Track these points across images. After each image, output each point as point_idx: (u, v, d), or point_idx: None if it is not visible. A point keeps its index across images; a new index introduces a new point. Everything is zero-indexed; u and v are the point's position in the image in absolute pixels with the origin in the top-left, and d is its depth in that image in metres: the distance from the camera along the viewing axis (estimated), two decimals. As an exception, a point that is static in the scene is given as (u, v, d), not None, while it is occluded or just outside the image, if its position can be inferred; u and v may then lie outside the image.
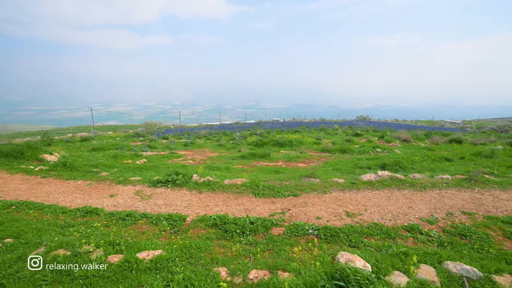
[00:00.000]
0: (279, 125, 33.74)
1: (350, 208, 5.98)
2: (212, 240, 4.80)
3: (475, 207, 5.91)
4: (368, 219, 5.43)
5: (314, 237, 4.85)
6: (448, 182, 7.34)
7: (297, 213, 5.79)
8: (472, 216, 5.47)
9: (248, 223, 5.24)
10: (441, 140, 18.18)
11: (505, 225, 5.09)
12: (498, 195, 6.59)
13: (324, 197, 6.68)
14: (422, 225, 5.16)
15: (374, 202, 6.24)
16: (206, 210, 6.10)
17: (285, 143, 17.31)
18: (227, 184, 7.58)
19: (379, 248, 4.30)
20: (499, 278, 3.39)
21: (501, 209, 5.80)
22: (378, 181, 7.35)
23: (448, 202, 6.18)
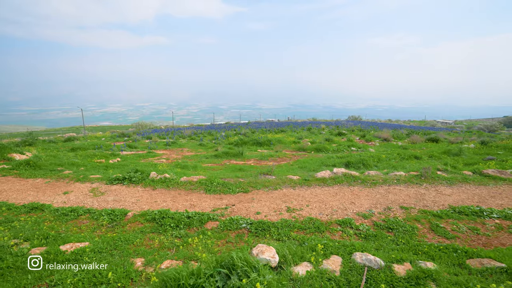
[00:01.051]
0: (268, 125, 33.86)
1: (293, 203, 6.08)
2: (145, 233, 4.87)
3: (415, 202, 6.04)
4: (306, 214, 5.53)
5: (246, 231, 4.94)
6: (400, 178, 7.47)
7: (240, 209, 5.88)
8: (408, 211, 5.60)
9: (185, 217, 5.34)
10: (419, 139, 18.38)
11: (435, 218, 5.22)
12: (442, 190, 6.74)
13: (273, 193, 6.77)
14: (356, 219, 5.27)
15: (319, 198, 6.35)
16: (152, 206, 6.16)
17: (264, 142, 17.42)
18: (183, 181, 7.65)
19: (302, 241, 4.39)
20: (398, 266, 3.50)
21: (439, 203, 5.94)
22: (331, 178, 7.46)
23: (391, 198, 6.30)
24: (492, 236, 4.61)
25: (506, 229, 4.81)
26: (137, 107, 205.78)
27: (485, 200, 6.17)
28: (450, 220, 5.15)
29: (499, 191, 6.73)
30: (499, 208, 5.70)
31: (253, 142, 17.75)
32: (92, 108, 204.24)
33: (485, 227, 4.92)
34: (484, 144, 14.79)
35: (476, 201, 6.11)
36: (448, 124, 61.20)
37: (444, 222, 5.07)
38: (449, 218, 5.21)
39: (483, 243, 4.41)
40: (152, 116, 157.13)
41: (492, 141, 15.09)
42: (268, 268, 3.31)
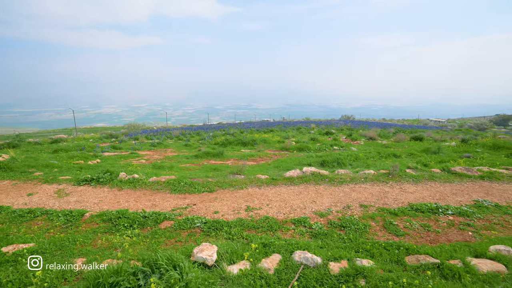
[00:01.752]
0: (258, 125, 33.86)
1: (255, 203, 6.06)
2: (97, 233, 4.83)
3: (377, 200, 6.06)
4: (264, 213, 5.52)
5: (199, 230, 4.92)
6: (368, 177, 7.49)
7: (200, 208, 5.85)
8: (366, 209, 5.61)
9: (141, 217, 5.30)
10: (403, 138, 18.49)
11: (391, 216, 5.23)
12: (407, 188, 6.77)
13: (238, 192, 6.75)
14: (312, 218, 5.27)
15: (282, 197, 6.34)
16: (114, 206, 6.10)
17: (249, 142, 17.40)
18: (151, 182, 7.59)
19: (251, 240, 4.37)
20: (334, 264, 3.49)
21: (399, 201, 5.96)
22: (299, 177, 7.46)
23: (354, 196, 6.31)
24: (441, 233, 4.63)
25: (457, 226, 4.84)
26: (133, 108, 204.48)
27: (446, 197, 6.21)
28: (405, 217, 5.17)
29: (462, 188, 6.78)
30: (457, 204, 5.74)
31: (238, 142, 17.74)
32: (86, 109, 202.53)
33: (438, 224, 4.94)
34: (465, 142, 14.91)
35: (437, 198, 6.15)
36: (441, 122, 61.76)
37: (398, 220, 5.09)
38: (404, 216, 5.23)
39: (431, 240, 4.43)
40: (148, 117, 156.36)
41: (472, 139, 15.22)
42: (197, 266, 3.30)
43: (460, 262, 3.47)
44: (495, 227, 4.78)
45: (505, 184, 7.04)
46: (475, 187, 6.83)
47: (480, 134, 22.25)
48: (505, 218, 5.13)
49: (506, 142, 13.67)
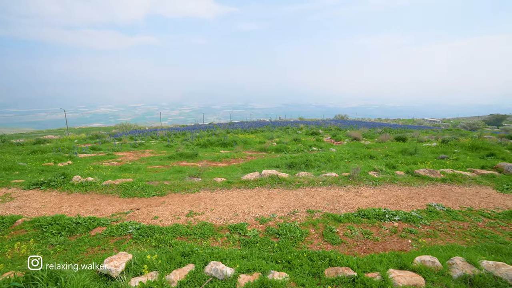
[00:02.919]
0: (247, 125, 33.59)
1: (200, 207, 5.82)
2: (22, 240, 4.58)
3: (327, 204, 5.83)
4: (204, 218, 5.28)
5: (129, 236, 4.67)
6: (328, 180, 7.26)
7: (142, 213, 5.60)
8: (312, 214, 5.37)
9: (74, 223, 5.05)
10: (387, 138, 18.30)
11: (334, 222, 5.00)
12: (363, 192, 6.54)
13: (188, 196, 6.50)
14: (252, 224, 5.03)
15: (230, 202, 6.10)
16: (54, 211, 5.83)
17: (229, 143, 17.15)
18: (104, 185, 7.33)
19: (176, 248, 4.12)
20: (244, 277, 3.26)
21: (350, 206, 5.73)
22: (255, 180, 7.22)
23: (306, 200, 6.07)
24: (380, 241, 4.40)
25: (399, 233, 4.61)
26: (129, 108, 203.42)
27: (400, 201, 5.99)
28: (348, 224, 4.94)
29: (420, 191, 6.57)
30: (408, 209, 5.52)
31: (219, 143, 17.48)
32: (82, 109, 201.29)
33: (380, 231, 4.72)
34: (445, 142, 14.74)
35: (391, 202, 5.93)
36: (436, 122, 61.81)
37: (340, 227, 4.86)
38: (348, 222, 5.00)
39: (366, 249, 4.20)
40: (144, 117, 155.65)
41: (453, 139, 15.04)
42: (100, 278, 3.10)
43: (379, 275, 3.24)
44: (437, 234, 4.56)
45: (465, 187, 6.83)
46: (434, 191, 6.61)
47: (467, 134, 22.08)
48: (451, 224, 4.92)
49: (484, 142, 13.49)
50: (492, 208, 5.66)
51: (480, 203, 5.91)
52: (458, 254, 3.67)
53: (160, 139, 22.77)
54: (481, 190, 6.70)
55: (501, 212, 5.39)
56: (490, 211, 5.46)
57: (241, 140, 17.51)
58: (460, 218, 5.12)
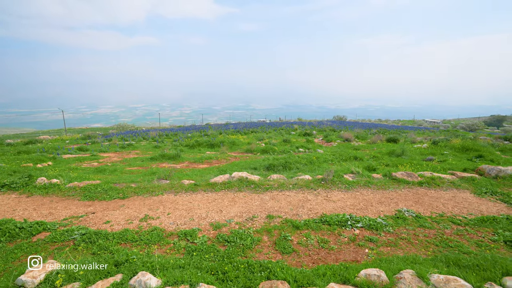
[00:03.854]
0: (242, 125, 33.32)
1: (157, 211, 5.54)
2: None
3: (290, 209, 5.52)
4: (157, 223, 5.00)
5: (72, 243, 4.40)
6: (299, 183, 6.96)
7: (96, 217, 5.33)
8: (272, 220, 5.07)
9: (17, 228, 4.78)
10: (378, 139, 17.95)
11: (291, 229, 4.70)
12: (333, 196, 6.23)
13: (150, 199, 6.23)
14: (204, 230, 4.74)
15: (189, 206, 5.81)
16: (6, 215, 5.57)
17: (217, 144, 16.89)
18: (68, 187, 7.07)
19: (116, 255, 3.84)
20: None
21: (314, 211, 5.43)
22: (223, 183, 6.92)
23: (270, 205, 5.78)
24: (335, 250, 4.10)
25: (358, 241, 4.30)
26: (130, 109, 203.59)
27: (369, 206, 5.68)
28: (306, 231, 4.64)
29: (393, 195, 6.25)
30: (375, 215, 5.21)
31: (207, 144, 17.23)
32: (83, 109, 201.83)
33: (338, 239, 4.41)
34: (435, 144, 14.38)
35: (359, 207, 5.61)
36: (436, 123, 61.26)
37: (297, 234, 4.55)
38: (307, 229, 4.70)
39: (317, 259, 3.89)
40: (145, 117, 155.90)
41: (444, 141, 14.67)
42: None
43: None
44: (399, 243, 4.25)
45: (442, 191, 6.50)
46: (408, 195, 6.29)
47: (464, 135, 21.64)
48: (417, 231, 4.60)
49: (475, 144, 13.12)
50: (465, 213, 5.34)
51: (454, 208, 5.58)
52: (411, 266, 3.36)
53: (151, 140, 22.55)
54: (458, 194, 6.37)
55: (473, 218, 5.06)
56: (462, 217, 5.14)
57: (230, 141, 17.22)
58: (428, 225, 4.80)
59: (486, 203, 5.85)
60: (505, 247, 4.15)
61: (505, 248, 4.13)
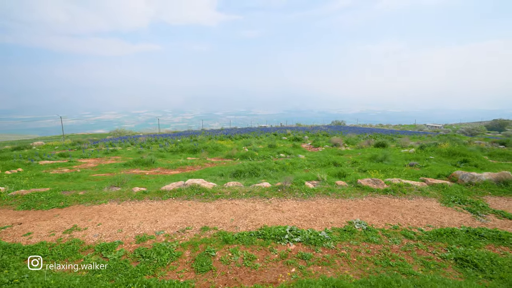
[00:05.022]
0: (235, 131, 33.04)
1: (89, 221, 5.11)
2: None
3: (231, 221, 5.06)
4: (80, 235, 4.57)
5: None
6: (254, 190, 6.48)
7: (19, 228, 4.92)
8: (205, 232, 4.61)
9: None
10: (366, 144, 17.41)
11: (219, 243, 4.22)
12: (285, 205, 5.75)
13: (90, 208, 5.80)
14: (126, 243, 4.30)
15: (127, 215, 5.38)
16: None
17: (198, 149, 16.50)
18: (10, 195, 6.68)
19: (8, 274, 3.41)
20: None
21: (256, 222, 4.95)
22: (172, 191, 6.49)
23: (212, 215, 5.32)
24: (258, 269, 3.61)
25: (288, 259, 3.81)
26: (133, 115, 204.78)
27: (320, 217, 5.18)
28: (235, 246, 4.16)
29: (352, 205, 5.73)
30: (321, 228, 4.71)
31: (190, 149, 16.86)
32: (87, 116, 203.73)
33: (267, 255, 3.92)
34: (422, 148, 13.80)
35: (308, 218, 5.12)
36: (437, 128, 60.34)
37: (223, 249, 4.07)
38: (237, 243, 4.22)
39: (232, 280, 3.41)
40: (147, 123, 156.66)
41: (431, 145, 14.08)
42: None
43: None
44: (333, 261, 3.74)
45: (407, 200, 5.97)
46: (368, 204, 5.77)
47: (455, 140, 20.96)
48: (360, 247, 4.09)
49: (462, 148, 12.52)
50: (423, 225, 4.81)
51: (413, 219, 5.05)
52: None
53: (138, 146, 22.27)
54: (423, 203, 5.84)
55: (430, 231, 4.54)
56: (418, 230, 4.61)
57: (213, 147, 16.83)
58: (376, 239, 4.29)
59: (451, 213, 5.31)
60: (454, 266, 3.63)
61: (454, 266, 3.61)
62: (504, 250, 4.03)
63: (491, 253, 3.87)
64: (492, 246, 4.14)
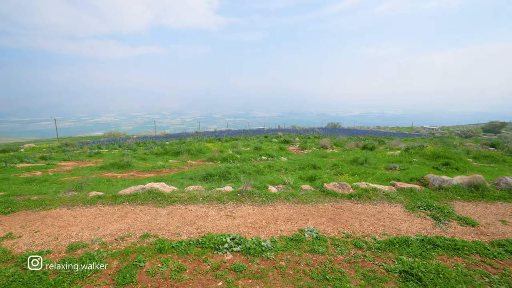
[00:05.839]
0: (226, 133, 32.72)
1: (29, 228, 4.82)
2: None
3: (176, 227, 4.78)
4: (9, 244, 4.29)
5: None
6: (212, 195, 6.20)
7: None
8: (143, 240, 4.33)
9: None
10: (353, 147, 17.14)
11: (153, 252, 3.94)
12: (239, 211, 5.46)
13: (36, 214, 5.52)
14: (55, 252, 4.02)
15: (70, 222, 5.09)
16: None
17: (182, 151, 16.23)
18: (-39, 200, 6.40)
19: None
20: None
21: (202, 230, 4.67)
22: (129, 195, 6.20)
23: (158, 221, 5.03)
24: (183, 282, 3.34)
25: (220, 270, 3.53)
26: (131, 117, 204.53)
27: (272, 224, 4.90)
28: (168, 255, 3.87)
29: (311, 211, 5.45)
30: (269, 236, 4.43)
31: (173, 152, 16.59)
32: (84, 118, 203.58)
33: (199, 266, 3.64)
34: (407, 151, 13.53)
35: (259, 225, 4.84)
36: (434, 130, 60.15)
37: (154, 259, 3.79)
38: (171, 253, 3.94)
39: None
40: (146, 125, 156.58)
41: (416, 148, 13.81)
42: None
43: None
44: (267, 274, 3.45)
45: (370, 205, 5.68)
46: (328, 210, 5.49)
47: (447, 142, 20.70)
48: (301, 258, 3.80)
49: (446, 151, 12.26)
50: (379, 233, 4.53)
51: (370, 226, 4.77)
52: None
53: (125, 148, 21.98)
54: (387, 208, 5.55)
55: (383, 240, 4.25)
56: (371, 239, 4.33)
57: (197, 149, 16.56)
58: (322, 249, 4.00)
59: (412, 220, 5.03)
60: (396, 280, 3.33)
61: (397, 280, 3.32)
62: (456, 261, 3.74)
63: (441, 265, 3.58)
64: (445, 256, 3.86)
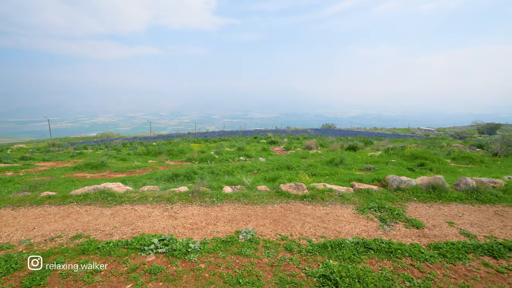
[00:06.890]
0: (218, 134, 32.62)
1: (-43, 231, 4.69)
2: None
3: (114, 228, 4.65)
4: None
5: None
6: (163, 195, 6.08)
7: None
8: (74, 240, 4.21)
9: None
10: (337, 147, 17.05)
11: (76, 253, 3.81)
12: (183, 212, 5.35)
13: (-26, 216, 5.38)
14: (-27, 256, 3.86)
15: (8, 222, 4.96)
16: None
17: (162, 152, 16.11)
18: None
19: None
20: None
21: (137, 230, 4.54)
22: (80, 195, 6.08)
23: (98, 222, 4.91)
24: (92, 285, 3.20)
25: (135, 272, 3.40)
26: (129, 118, 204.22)
27: (212, 225, 4.79)
28: (90, 256, 3.75)
29: (258, 212, 5.33)
30: (200, 238, 4.31)
31: (154, 152, 16.49)
32: (82, 119, 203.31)
33: (117, 268, 3.51)
34: (387, 152, 13.44)
35: (198, 226, 4.73)
36: (430, 131, 60.15)
37: (73, 261, 3.66)
38: (94, 254, 3.81)
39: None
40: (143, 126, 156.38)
41: (396, 149, 13.72)
42: None
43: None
44: (180, 277, 3.33)
45: (320, 207, 5.57)
46: (275, 212, 5.37)
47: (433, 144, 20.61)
48: (224, 261, 3.68)
49: (425, 152, 12.19)
50: (317, 235, 4.41)
51: (311, 229, 4.65)
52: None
53: (110, 148, 21.85)
54: (336, 210, 5.43)
55: (318, 243, 4.13)
56: (306, 241, 4.21)
57: (178, 150, 16.45)
58: (249, 252, 3.88)
59: (358, 222, 4.91)
60: (313, 284, 3.22)
61: (313, 285, 3.21)
62: (385, 265, 3.62)
63: (366, 269, 3.46)
64: (375, 260, 3.74)
